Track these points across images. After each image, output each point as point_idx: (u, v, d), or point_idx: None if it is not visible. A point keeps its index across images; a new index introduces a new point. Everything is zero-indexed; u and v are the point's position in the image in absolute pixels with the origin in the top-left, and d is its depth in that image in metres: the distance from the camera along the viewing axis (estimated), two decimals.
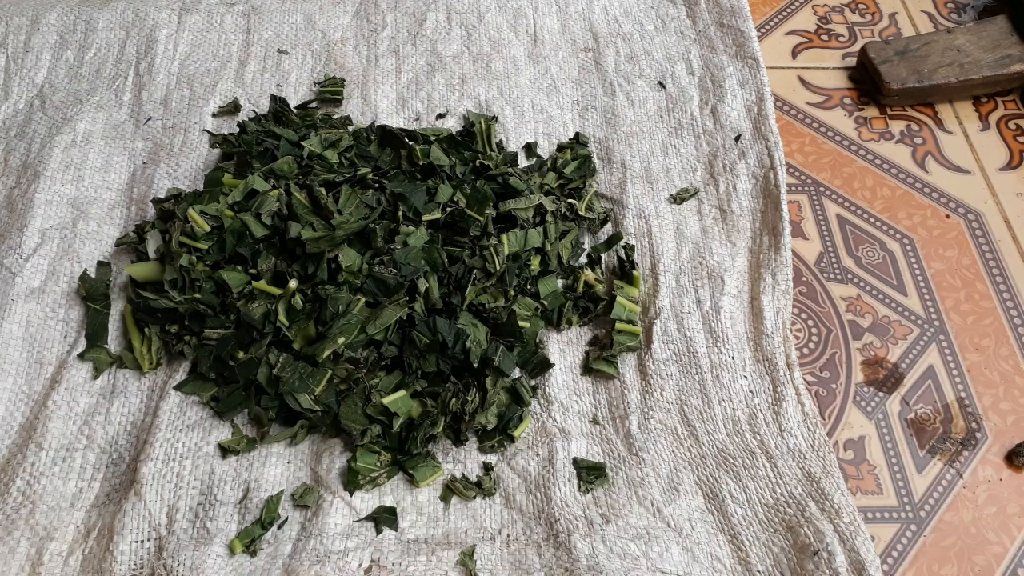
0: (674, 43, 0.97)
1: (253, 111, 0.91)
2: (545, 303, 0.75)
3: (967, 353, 0.77)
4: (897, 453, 0.71)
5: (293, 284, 0.69)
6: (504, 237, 0.75)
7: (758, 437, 0.69)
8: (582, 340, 0.75)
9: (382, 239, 0.71)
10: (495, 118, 0.89)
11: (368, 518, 0.64)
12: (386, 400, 0.67)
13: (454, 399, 0.68)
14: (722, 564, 0.62)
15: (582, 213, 0.81)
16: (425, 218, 0.74)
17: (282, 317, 0.68)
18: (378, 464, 0.66)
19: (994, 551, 0.66)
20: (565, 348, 0.75)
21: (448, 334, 0.68)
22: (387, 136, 0.83)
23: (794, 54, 1.02)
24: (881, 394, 0.74)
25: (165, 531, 0.63)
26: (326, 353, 0.66)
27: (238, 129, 0.87)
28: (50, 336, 0.74)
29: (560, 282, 0.78)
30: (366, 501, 0.65)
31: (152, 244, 0.75)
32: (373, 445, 0.67)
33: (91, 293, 0.75)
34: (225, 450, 0.67)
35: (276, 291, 0.69)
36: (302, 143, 0.81)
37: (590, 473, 0.67)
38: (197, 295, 0.70)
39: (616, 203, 0.84)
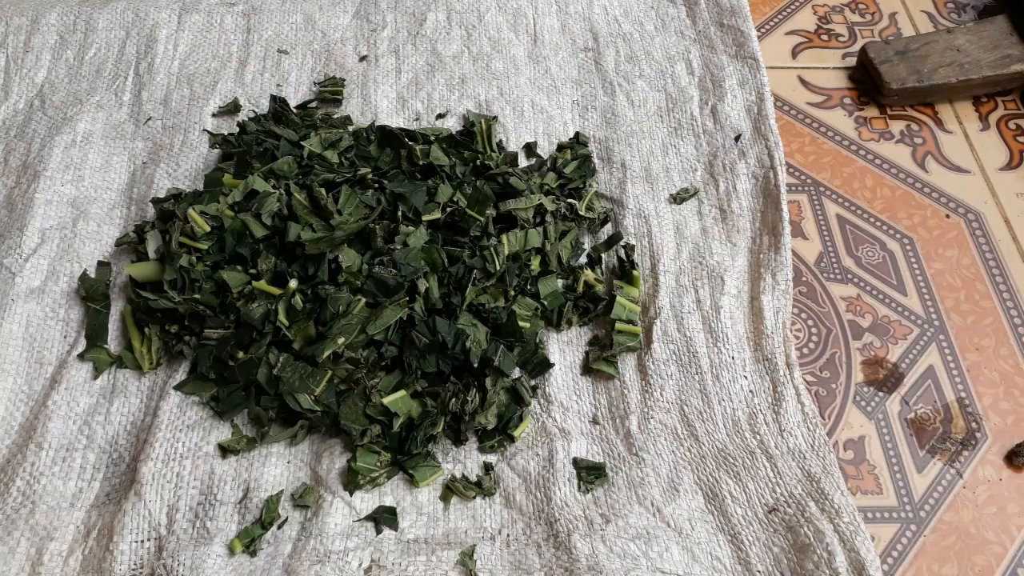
0: (674, 43, 0.97)
1: (253, 111, 0.91)
2: (545, 303, 0.75)
3: (967, 353, 0.77)
4: (897, 453, 0.71)
5: (293, 284, 0.69)
6: (504, 237, 0.75)
7: (758, 437, 0.68)
8: (582, 340, 0.75)
9: (382, 239, 0.71)
10: (495, 118, 0.89)
11: (368, 518, 0.64)
12: (386, 400, 0.67)
13: (454, 399, 0.68)
14: (722, 564, 0.62)
15: (582, 213, 0.81)
16: (425, 218, 0.74)
17: (282, 317, 0.68)
18: (378, 464, 0.66)
19: (994, 551, 0.66)
20: (565, 348, 0.75)
21: (448, 334, 0.68)
22: (387, 136, 0.83)
23: (794, 54, 1.02)
24: (881, 394, 0.74)
25: (165, 531, 0.63)
26: (326, 353, 0.66)
27: (238, 129, 0.87)
28: (50, 336, 0.74)
29: (560, 282, 0.78)
30: (366, 501, 0.65)
31: (152, 244, 0.75)
32: (373, 445, 0.67)
33: (91, 293, 0.75)
34: (225, 450, 0.67)
35: (276, 291, 0.69)
36: (302, 143, 0.81)
37: (590, 473, 0.67)
38: (197, 295, 0.70)
39: (616, 203, 0.84)
